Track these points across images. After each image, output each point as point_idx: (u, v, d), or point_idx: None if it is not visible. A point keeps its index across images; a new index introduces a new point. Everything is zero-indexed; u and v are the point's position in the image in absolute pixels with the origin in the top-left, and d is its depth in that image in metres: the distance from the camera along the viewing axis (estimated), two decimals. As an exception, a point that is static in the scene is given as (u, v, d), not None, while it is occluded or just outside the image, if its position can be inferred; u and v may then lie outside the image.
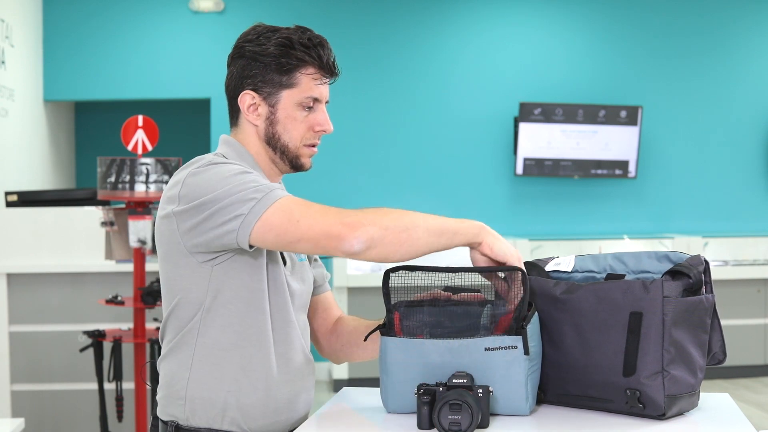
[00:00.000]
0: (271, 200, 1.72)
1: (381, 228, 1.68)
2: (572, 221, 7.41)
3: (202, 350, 1.84)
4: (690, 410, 1.78)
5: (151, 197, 4.02)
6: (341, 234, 1.67)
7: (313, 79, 1.87)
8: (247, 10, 7.11)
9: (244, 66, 1.88)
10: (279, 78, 1.86)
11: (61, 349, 4.82)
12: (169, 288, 1.86)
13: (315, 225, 1.70)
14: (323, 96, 1.90)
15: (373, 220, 1.69)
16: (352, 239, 1.67)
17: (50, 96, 7.07)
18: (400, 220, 1.71)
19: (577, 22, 7.43)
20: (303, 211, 1.72)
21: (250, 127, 1.91)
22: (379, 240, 1.68)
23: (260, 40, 1.86)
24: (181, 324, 1.85)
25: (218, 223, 1.73)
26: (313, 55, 1.86)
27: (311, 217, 1.71)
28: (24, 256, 4.90)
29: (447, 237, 1.73)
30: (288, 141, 1.89)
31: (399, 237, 1.69)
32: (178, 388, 1.85)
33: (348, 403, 1.95)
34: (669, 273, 1.74)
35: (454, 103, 7.33)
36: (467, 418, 1.62)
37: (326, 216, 1.70)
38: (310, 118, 1.90)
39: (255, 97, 1.88)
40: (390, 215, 1.71)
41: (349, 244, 1.67)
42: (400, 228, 1.70)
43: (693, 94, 7.48)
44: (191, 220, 1.76)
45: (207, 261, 1.81)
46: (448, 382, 1.68)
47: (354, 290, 6.51)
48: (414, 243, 1.70)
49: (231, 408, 1.84)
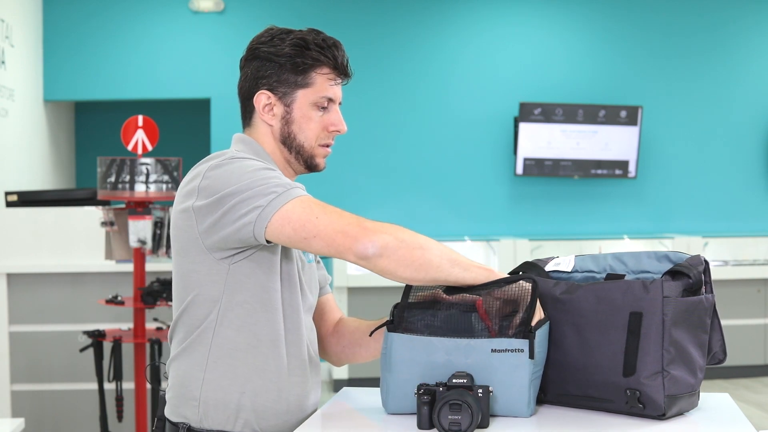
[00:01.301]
0: (292, 195, 1.74)
1: (397, 239, 1.70)
2: (572, 221, 7.41)
3: (217, 351, 1.83)
4: (690, 410, 1.78)
5: (151, 197, 4.02)
6: (358, 235, 1.69)
7: (328, 79, 1.90)
8: (247, 10, 7.11)
9: (258, 67, 1.89)
10: (294, 78, 1.88)
11: (61, 349, 4.82)
12: (184, 284, 1.85)
13: (334, 223, 1.71)
14: (337, 96, 1.93)
15: (391, 230, 1.71)
16: (367, 242, 1.68)
17: (50, 96, 7.08)
18: (417, 238, 1.72)
19: (577, 22, 7.43)
20: (323, 208, 1.74)
21: (264, 127, 1.92)
22: (393, 250, 1.69)
23: (274, 41, 1.88)
24: (194, 323, 1.85)
25: (236, 216, 1.74)
26: (328, 55, 1.89)
27: (330, 215, 1.73)
28: (24, 256, 4.90)
29: (459, 269, 1.73)
30: (303, 140, 1.91)
31: (412, 253, 1.70)
32: (192, 388, 1.84)
33: (348, 403, 1.95)
34: (669, 273, 1.74)
35: (454, 104, 7.33)
36: (467, 418, 1.63)
37: (345, 217, 1.73)
38: (324, 118, 1.92)
39: (270, 97, 1.89)
40: (409, 232, 1.73)
41: (363, 246, 1.68)
42: (415, 245, 1.71)
43: (693, 94, 7.48)
44: (210, 216, 1.76)
45: (225, 258, 1.80)
46: (448, 382, 1.68)
47: (354, 290, 6.51)
48: (425, 263, 1.71)
49: (245, 409, 1.84)
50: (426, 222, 7.21)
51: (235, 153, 1.84)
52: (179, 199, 1.84)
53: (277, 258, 1.84)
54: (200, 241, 1.80)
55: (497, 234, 7.21)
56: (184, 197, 1.82)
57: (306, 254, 1.97)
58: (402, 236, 1.71)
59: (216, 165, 1.80)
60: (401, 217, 7.21)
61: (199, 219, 1.78)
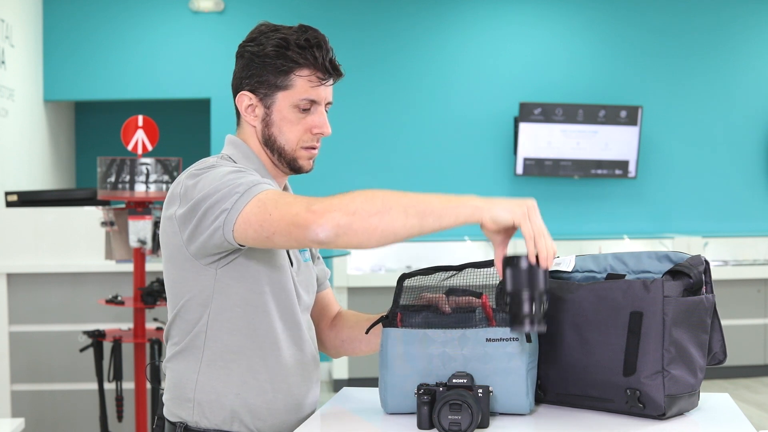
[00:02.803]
0: (252, 195, 1.67)
1: (348, 213, 1.56)
2: (572, 221, 7.41)
3: (210, 354, 1.83)
4: (690, 410, 1.78)
5: (151, 197, 4.02)
6: (306, 222, 1.58)
7: (309, 81, 1.84)
8: (247, 10, 7.11)
9: (243, 66, 1.87)
10: (274, 79, 1.84)
11: (61, 349, 4.82)
12: (175, 290, 1.85)
13: (285, 215, 1.62)
14: (321, 98, 1.87)
15: (340, 205, 1.57)
16: (317, 227, 1.57)
17: (50, 96, 7.08)
18: (372, 202, 1.57)
19: (577, 22, 7.43)
20: (276, 202, 1.64)
21: (249, 128, 1.90)
22: (347, 226, 1.56)
23: (260, 39, 1.85)
24: (187, 327, 1.85)
25: (208, 222, 1.72)
26: (307, 56, 1.83)
27: (281, 207, 1.63)
28: (24, 256, 4.90)
29: (432, 219, 1.57)
30: (284, 143, 1.87)
31: (369, 222, 1.56)
32: (186, 390, 1.85)
33: (348, 403, 1.95)
34: (669, 273, 1.74)
35: (454, 103, 7.33)
36: (467, 417, 1.63)
37: (294, 205, 1.62)
38: (306, 120, 1.87)
39: (252, 98, 1.87)
40: (362, 198, 1.58)
41: (314, 233, 1.58)
42: (370, 212, 1.56)
43: (693, 94, 7.48)
44: (189, 224, 1.75)
45: (211, 264, 1.80)
46: (448, 382, 1.68)
47: (354, 290, 6.51)
48: (388, 227, 1.56)
49: (240, 410, 1.83)
50: (426, 222, 7.21)
51: (214, 161, 1.82)
52: (165, 205, 1.84)
53: (255, 264, 1.81)
54: (185, 248, 1.79)
55: (497, 234, 7.19)
56: (168, 204, 1.82)
57: (302, 253, 1.97)
58: (353, 207, 1.56)
59: (193, 174, 1.78)
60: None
61: (181, 227, 1.78)
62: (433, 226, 1.57)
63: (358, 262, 6.90)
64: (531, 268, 1.58)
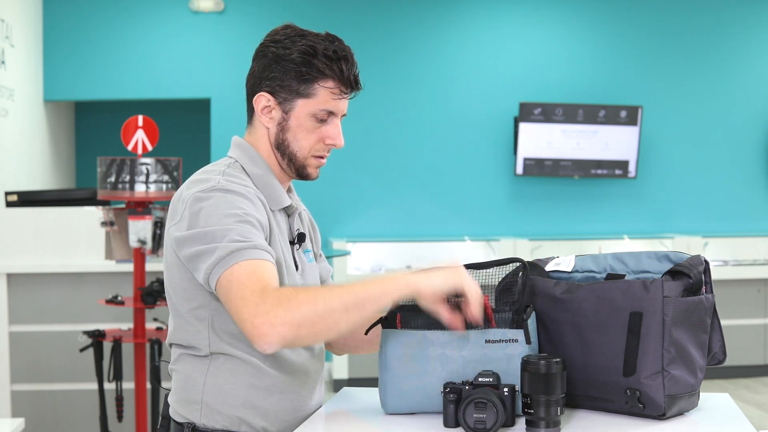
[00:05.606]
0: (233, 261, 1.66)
1: (293, 327, 1.59)
2: (572, 221, 7.41)
3: (217, 357, 1.83)
4: (690, 410, 1.78)
5: (151, 197, 4.02)
6: (253, 337, 1.60)
7: (332, 92, 1.84)
8: (247, 10, 7.11)
9: (265, 66, 1.85)
10: (297, 86, 1.83)
11: (61, 349, 4.82)
12: (176, 297, 1.85)
13: (237, 313, 1.64)
14: (339, 110, 1.88)
15: (284, 317, 1.58)
16: (264, 345, 1.59)
17: (50, 96, 7.08)
18: (314, 307, 1.60)
19: (577, 22, 7.43)
20: (236, 289, 1.64)
21: (262, 129, 1.89)
22: (294, 338, 1.60)
23: (286, 42, 1.83)
24: (190, 330, 1.85)
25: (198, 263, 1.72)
26: (334, 68, 1.82)
27: (236, 301, 1.63)
28: (24, 256, 4.90)
29: (371, 304, 1.64)
30: (297, 150, 1.87)
31: (315, 328, 1.61)
32: (194, 392, 1.85)
33: (348, 403, 1.95)
34: (669, 273, 1.74)
35: (454, 103, 7.33)
36: (492, 416, 1.63)
37: (244, 308, 1.62)
38: (322, 130, 1.87)
39: (270, 99, 1.86)
40: (306, 306, 1.60)
41: (262, 349, 1.60)
42: (314, 320, 1.60)
43: (693, 94, 7.48)
44: (185, 250, 1.75)
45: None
46: (474, 381, 1.69)
47: (354, 290, 6.50)
48: (332, 329, 1.63)
49: (247, 412, 1.83)
50: (426, 222, 7.22)
51: (218, 182, 1.79)
52: (170, 213, 1.83)
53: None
54: (182, 264, 1.80)
55: (497, 234, 7.21)
56: (172, 215, 1.82)
57: (306, 254, 1.97)
58: (298, 318, 1.59)
59: (198, 197, 1.76)
60: (401, 217, 7.22)
61: (177, 248, 1.78)
62: (373, 311, 1.66)
63: (358, 262, 6.90)
64: (549, 373, 1.64)
